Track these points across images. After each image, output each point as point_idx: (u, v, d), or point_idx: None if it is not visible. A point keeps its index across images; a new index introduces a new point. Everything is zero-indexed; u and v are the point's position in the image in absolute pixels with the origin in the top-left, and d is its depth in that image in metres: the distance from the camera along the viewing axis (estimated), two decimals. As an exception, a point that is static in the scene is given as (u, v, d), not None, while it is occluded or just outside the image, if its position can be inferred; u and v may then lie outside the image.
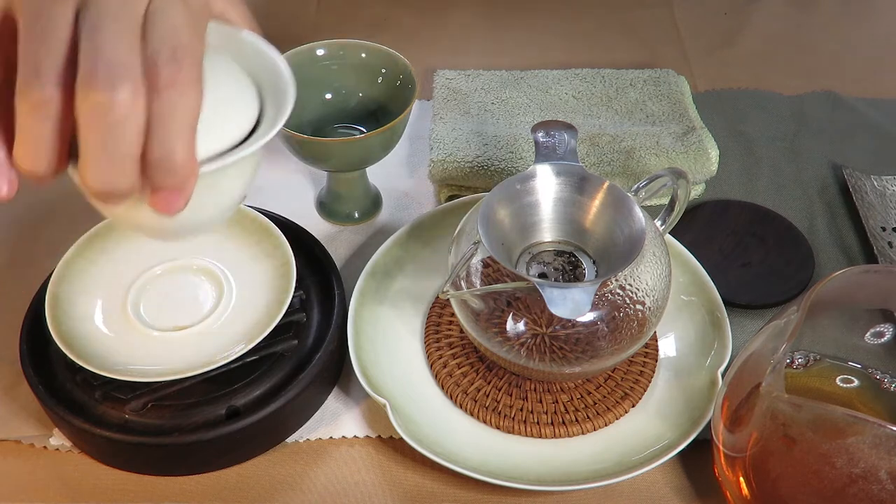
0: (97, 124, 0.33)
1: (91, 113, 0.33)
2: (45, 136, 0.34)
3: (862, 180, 0.74)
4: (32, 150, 0.35)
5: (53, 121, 0.34)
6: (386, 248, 0.65)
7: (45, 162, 0.35)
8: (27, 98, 0.33)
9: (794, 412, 0.46)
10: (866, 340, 0.57)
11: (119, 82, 0.33)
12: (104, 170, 0.34)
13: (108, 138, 0.33)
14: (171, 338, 0.56)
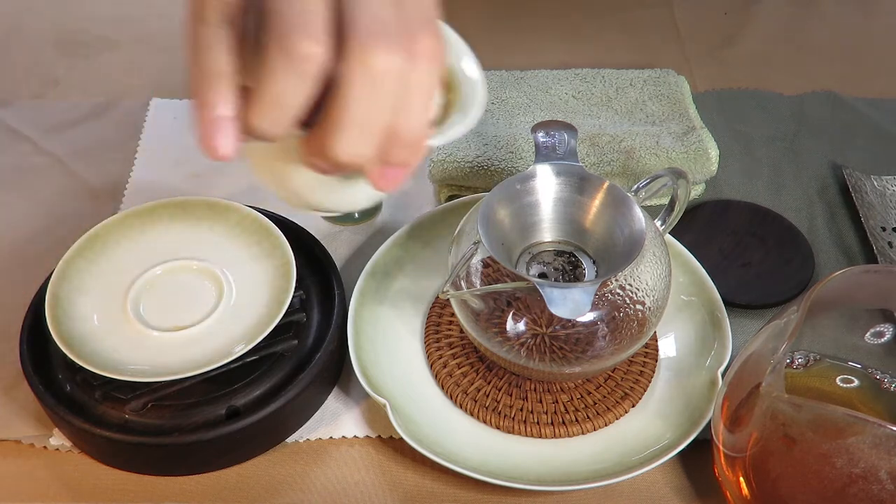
0: (363, 88, 0.32)
1: (359, 76, 0.32)
2: (297, 94, 0.32)
3: (862, 180, 0.74)
4: (278, 108, 0.33)
5: (311, 80, 0.32)
6: (386, 248, 0.65)
7: (285, 124, 0.33)
8: (289, 53, 0.31)
9: (794, 412, 0.46)
10: (866, 340, 0.57)
11: (393, 48, 0.32)
12: (355, 138, 0.33)
13: (371, 105, 0.32)
14: (171, 338, 0.56)
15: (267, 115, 0.33)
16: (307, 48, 0.31)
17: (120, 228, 0.61)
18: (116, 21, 0.92)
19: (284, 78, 0.32)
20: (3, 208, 0.73)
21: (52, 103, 0.82)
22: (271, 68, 0.32)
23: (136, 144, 0.78)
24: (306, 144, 0.35)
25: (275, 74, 0.32)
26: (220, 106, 0.33)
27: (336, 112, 0.33)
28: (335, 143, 0.33)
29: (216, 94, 0.33)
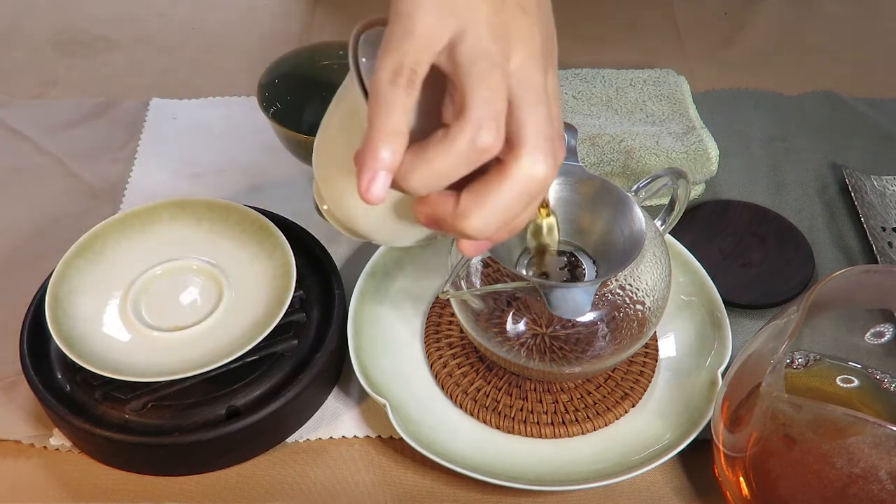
0: (516, 186, 0.38)
1: (519, 176, 0.38)
2: (459, 172, 0.38)
3: (862, 180, 0.74)
4: (439, 178, 0.38)
5: (476, 165, 0.38)
6: (386, 248, 0.65)
7: (434, 190, 0.39)
8: (473, 141, 0.37)
9: (794, 412, 0.46)
10: (866, 340, 0.57)
11: (549, 160, 0.38)
12: (489, 222, 0.39)
13: (516, 201, 0.39)
14: (171, 338, 0.56)
15: (426, 181, 0.38)
16: (489, 142, 0.37)
17: (120, 228, 0.61)
18: (116, 21, 0.92)
19: (458, 159, 0.37)
20: (3, 208, 0.73)
21: (52, 103, 0.83)
22: (451, 148, 0.37)
23: (136, 144, 0.78)
24: (437, 206, 0.39)
25: (451, 154, 0.37)
26: (388, 161, 0.37)
27: (483, 197, 0.38)
28: (471, 219, 0.39)
29: (389, 150, 0.37)
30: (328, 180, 0.45)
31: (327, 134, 0.45)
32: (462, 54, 0.38)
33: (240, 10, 0.94)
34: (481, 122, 0.37)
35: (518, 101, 0.38)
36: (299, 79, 0.68)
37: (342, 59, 0.69)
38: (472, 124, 0.37)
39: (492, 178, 0.38)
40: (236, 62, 0.87)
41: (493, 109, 0.37)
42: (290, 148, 0.65)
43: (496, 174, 0.38)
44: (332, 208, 0.46)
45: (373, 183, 0.37)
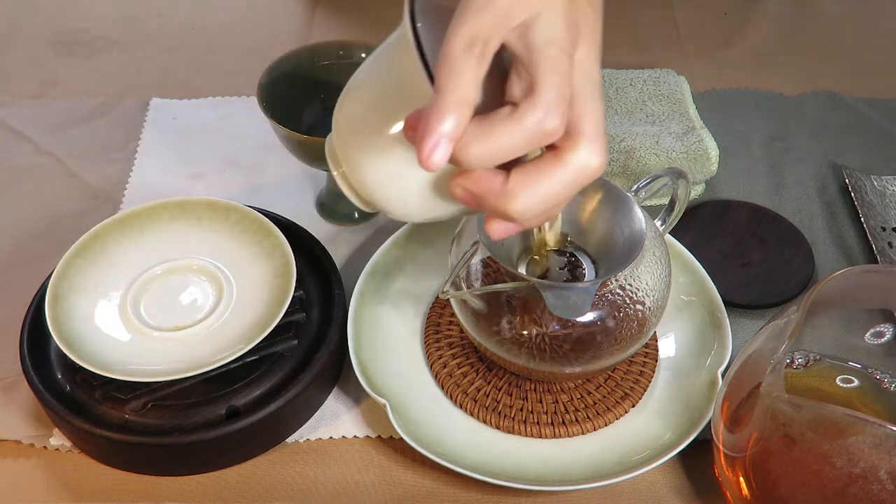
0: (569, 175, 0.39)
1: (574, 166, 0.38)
2: (518, 151, 0.37)
3: (862, 180, 0.74)
4: (496, 154, 0.37)
5: (535, 147, 0.38)
6: (386, 248, 0.65)
7: (489, 165, 0.38)
8: (540, 123, 0.37)
9: (794, 412, 0.46)
10: (866, 340, 0.57)
11: (604, 153, 0.39)
12: (533, 206, 0.39)
13: (566, 190, 0.39)
14: (171, 338, 0.56)
15: (484, 155, 0.37)
16: (555, 126, 0.37)
17: (120, 228, 0.61)
18: (116, 21, 0.92)
19: (522, 138, 0.37)
20: (3, 208, 0.73)
21: (52, 103, 0.82)
22: (517, 126, 0.37)
23: (136, 144, 0.78)
24: (483, 182, 0.39)
25: (516, 132, 0.37)
26: (452, 130, 0.36)
27: (535, 180, 0.38)
28: (517, 200, 0.38)
29: (456, 119, 0.36)
30: (353, 143, 0.44)
31: (360, 96, 0.44)
32: (536, 37, 0.37)
33: (240, 10, 0.94)
34: (550, 106, 0.37)
35: (579, 92, 0.39)
36: (299, 79, 0.68)
37: (342, 59, 0.69)
38: (541, 105, 0.37)
39: (546, 162, 0.39)
40: (236, 62, 0.87)
41: (561, 95, 0.37)
42: (290, 148, 0.65)
43: (551, 159, 0.38)
44: (351, 172, 0.44)
45: (435, 150, 0.36)
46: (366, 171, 0.43)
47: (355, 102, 0.44)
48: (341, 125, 0.45)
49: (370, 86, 0.43)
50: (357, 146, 0.43)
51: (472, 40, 0.37)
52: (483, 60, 0.37)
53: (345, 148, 0.44)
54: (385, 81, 0.43)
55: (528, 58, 0.38)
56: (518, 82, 0.38)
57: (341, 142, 0.44)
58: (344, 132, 0.44)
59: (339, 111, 0.45)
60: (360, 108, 0.44)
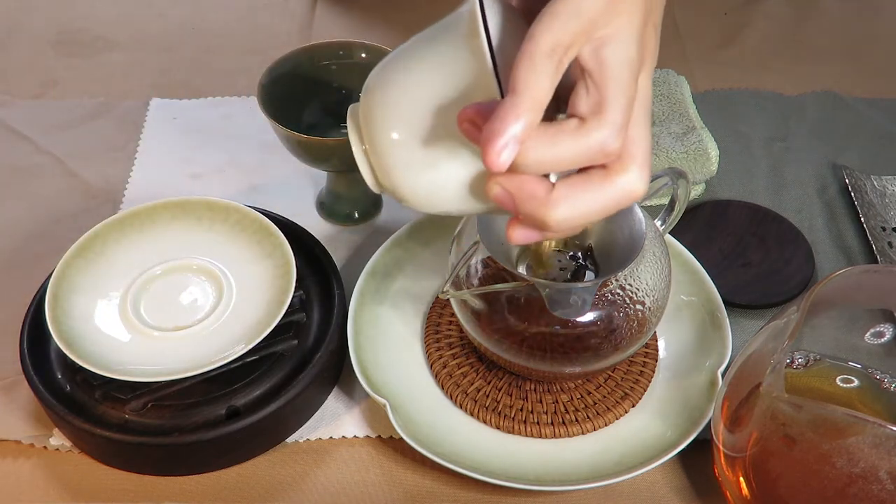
0: (615, 195, 0.39)
1: (620, 187, 0.39)
2: (575, 164, 0.38)
3: (862, 180, 0.74)
4: (553, 164, 0.38)
5: (593, 163, 0.38)
6: (386, 249, 0.65)
7: (539, 172, 0.38)
8: (604, 142, 0.37)
9: (794, 412, 0.46)
10: (866, 340, 0.57)
11: (648, 179, 0.40)
12: (571, 219, 0.39)
13: (608, 208, 0.39)
14: (171, 338, 0.56)
15: (542, 162, 0.37)
16: (615, 148, 0.38)
17: (120, 228, 0.61)
18: (116, 21, 0.92)
19: (583, 152, 0.37)
20: (3, 208, 0.73)
21: (52, 103, 0.82)
22: (581, 140, 0.37)
23: (136, 144, 0.78)
24: (527, 186, 0.39)
25: (579, 145, 0.37)
26: (523, 131, 0.36)
27: (580, 193, 0.39)
28: (559, 210, 0.38)
29: (528, 121, 0.36)
30: (385, 124, 0.42)
31: (403, 77, 0.41)
32: (610, 54, 0.38)
33: (240, 10, 0.94)
34: (616, 128, 0.37)
35: (636, 117, 0.39)
36: (299, 79, 0.68)
37: (342, 59, 0.69)
38: (609, 126, 0.37)
39: (594, 179, 0.39)
40: (236, 62, 0.87)
41: (626, 119, 0.38)
42: (290, 148, 0.65)
43: (600, 177, 0.39)
44: (375, 153, 0.42)
45: (504, 150, 0.36)
46: (395, 156, 0.42)
47: (395, 84, 0.42)
48: (374, 103, 0.42)
49: (416, 70, 0.41)
50: (389, 128, 0.41)
51: (555, 45, 0.36)
52: (561, 67, 0.37)
53: (373, 127, 0.42)
54: (435, 68, 0.41)
55: (599, 74, 0.38)
56: (585, 96, 0.38)
57: (370, 120, 0.42)
58: (375, 111, 0.42)
59: (375, 90, 0.42)
60: (400, 90, 0.41)
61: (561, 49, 0.37)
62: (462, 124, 0.38)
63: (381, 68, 0.43)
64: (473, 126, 0.37)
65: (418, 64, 0.41)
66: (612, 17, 0.38)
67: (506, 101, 0.36)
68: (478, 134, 0.37)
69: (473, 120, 0.37)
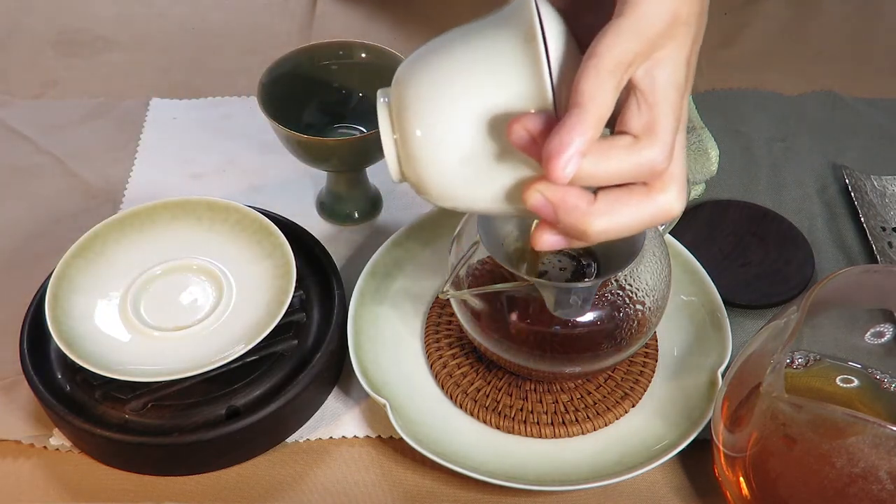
0: (652, 212, 0.40)
1: (661, 205, 0.40)
2: (625, 178, 0.39)
3: (862, 180, 0.74)
4: (605, 178, 0.38)
5: (632, 180, 0.39)
6: (386, 249, 0.65)
7: (591, 185, 0.39)
8: (653, 162, 0.38)
9: (794, 412, 0.46)
10: (866, 340, 0.57)
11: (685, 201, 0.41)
12: (607, 232, 0.39)
13: (644, 223, 0.40)
14: (171, 338, 0.56)
15: (593, 175, 0.38)
16: (663, 168, 0.39)
17: (120, 228, 0.61)
18: (116, 21, 0.92)
19: (631, 169, 0.38)
20: (3, 208, 0.73)
21: (52, 103, 0.82)
22: (632, 157, 0.38)
23: (136, 144, 0.78)
24: (571, 196, 0.39)
25: (629, 162, 0.38)
26: (586, 145, 0.36)
27: (621, 207, 0.39)
28: (598, 221, 0.39)
29: (592, 134, 0.37)
30: (422, 120, 0.41)
31: (448, 74, 0.40)
32: (663, 75, 0.39)
33: (240, 10, 0.94)
34: (666, 149, 0.38)
35: (678, 139, 0.40)
36: (299, 79, 0.68)
37: (342, 59, 0.69)
38: (660, 147, 0.38)
39: (635, 194, 0.39)
40: (236, 62, 0.87)
41: (674, 139, 0.39)
42: (290, 148, 0.65)
43: (642, 193, 0.39)
44: (408, 145, 0.41)
45: (570, 163, 0.36)
46: (428, 152, 0.41)
47: (436, 80, 0.41)
48: (411, 96, 0.41)
49: (461, 67, 0.40)
50: (426, 124, 0.41)
51: (619, 63, 0.37)
52: (621, 85, 0.38)
53: (408, 120, 0.41)
54: (482, 69, 0.40)
55: (652, 95, 0.38)
56: (637, 114, 0.38)
57: (405, 112, 0.41)
58: (412, 104, 0.41)
59: (413, 82, 0.41)
60: (442, 87, 0.40)
61: (623, 66, 0.37)
62: (515, 133, 0.38)
63: (420, 59, 0.42)
64: (528, 135, 0.37)
65: (463, 61, 0.40)
66: (668, 40, 0.39)
67: (572, 116, 0.36)
68: (530, 144, 0.37)
69: (529, 130, 0.37)
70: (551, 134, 0.36)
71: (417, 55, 0.42)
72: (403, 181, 0.43)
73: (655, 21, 0.38)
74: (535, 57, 0.38)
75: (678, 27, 0.39)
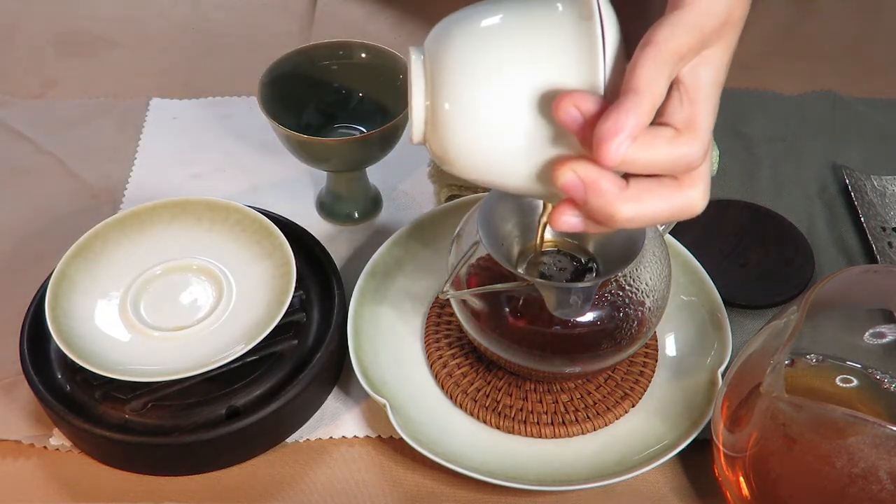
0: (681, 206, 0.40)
1: (688, 201, 0.40)
2: (662, 169, 0.39)
3: (862, 180, 0.74)
4: (644, 165, 0.38)
5: (666, 172, 0.39)
6: (386, 248, 0.65)
7: (630, 171, 0.39)
8: (690, 158, 0.38)
9: (794, 412, 0.46)
10: (866, 340, 0.57)
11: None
12: (633, 219, 0.39)
13: (674, 215, 0.40)
14: (171, 338, 0.56)
15: (634, 160, 0.38)
16: (697, 165, 0.39)
17: (120, 228, 0.61)
18: (116, 21, 0.92)
19: (669, 161, 0.38)
20: (3, 208, 0.73)
21: (52, 103, 0.82)
22: (673, 150, 0.38)
23: (136, 144, 0.78)
24: (604, 180, 0.39)
25: (669, 153, 0.38)
26: (639, 128, 0.37)
27: (650, 196, 0.39)
28: (627, 206, 0.39)
29: (646, 120, 0.37)
30: (460, 87, 0.40)
31: (493, 44, 0.40)
32: (706, 74, 0.39)
33: (240, 10, 0.94)
34: (704, 146, 0.39)
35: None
36: (299, 79, 0.68)
37: (342, 59, 0.69)
38: (699, 143, 0.38)
39: (666, 186, 0.39)
40: (236, 62, 0.87)
41: (709, 138, 0.39)
42: (290, 148, 0.65)
43: (672, 187, 0.40)
44: (440, 111, 0.40)
45: (622, 145, 0.36)
46: (460, 120, 0.40)
47: (478, 47, 0.40)
48: (450, 61, 0.40)
49: (508, 37, 0.39)
50: (463, 92, 0.40)
51: (675, 53, 0.38)
52: (673, 75, 0.38)
53: (444, 86, 0.40)
54: (530, 42, 0.39)
55: (695, 91, 0.39)
56: (679, 109, 0.39)
57: (442, 77, 0.40)
58: (451, 70, 0.40)
59: (453, 47, 0.40)
60: (484, 56, 0.39)
61: (677, 58, 0.38)
62: (564, 109, 0.37)
63: (465, 23, 0.41)
64: (577, 113, 0.37)
65: (515, 31, 0.40)
66: (718, 40, 0.40)
67: (628, 99, 0.36)
68: (576, 121, 0.37)
69: (580, 106, 0.37)
70: (605, 115, 0.36)
71: (460, 17, 0.41)
72: (422, 145, 0.43)
73: (712, 18, 0.39)
74: (593, 36, 0.38)
75: (728, 28, 0.40)
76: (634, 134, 0.36)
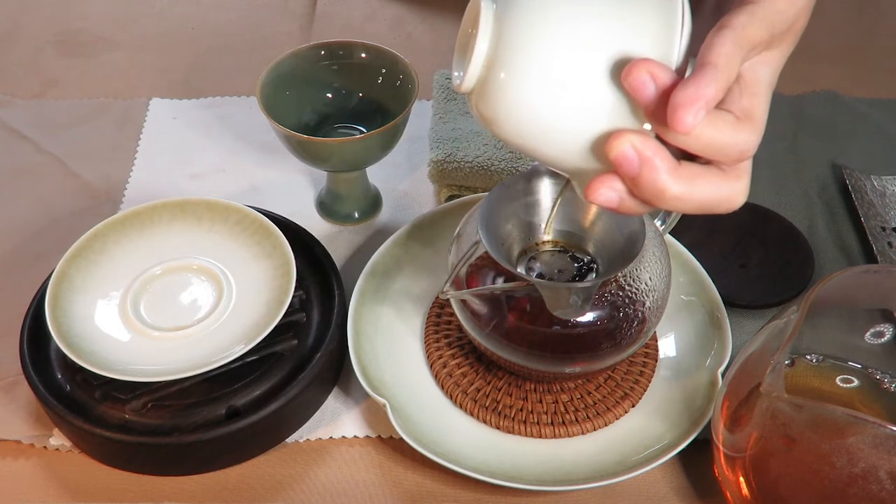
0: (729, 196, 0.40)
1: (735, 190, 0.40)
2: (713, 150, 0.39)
3: (862, 180, 0.74)
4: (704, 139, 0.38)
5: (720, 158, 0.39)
6: (386, 248, 0.65)
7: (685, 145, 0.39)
8: (746, 146, 0.39)
9: (794, 412, 0.46)
10: (866, 340, 0.57)
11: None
12: (679, 203, 0.39)
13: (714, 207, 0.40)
14: (171, 338, 0.56)
15: (698, 138, 0.38)
16: (750, 154, 0.39)
17: (120, 228, 0.61)
18: (117, 21, 0.92)
19: (726, 145, 0.38)
20: (3, 208, 0.73)
21: (52, 103, 0.82)
22: (732, 135, 0.38)
23: (136, 144, 0.78)
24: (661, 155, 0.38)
25: (728, 138, 0.38)
26: (713, 101, 0.37)
27: (700, 178, 0.39)
28: (677, 185, 0.38)
29: (719, 94, 0.37)
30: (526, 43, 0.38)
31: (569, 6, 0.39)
32: (765, 72, 0.41)
33: (240, 10, 0.94)
34: (759, 138, 0.39)
35: None
36: (299, 79, 0.68)
37: (342, 59, 0.69)
38: (756, 135, 0.39)
39: (714, 173, 0.40)
40: (236, 62, 0.87)
41: (763, 131, 0.40)
42: (290, 148, 0.65)
43: (720, 175, 0.40)
44: (499, 65, 0.39)
45: (699, 114, 0.36)
46: (519, 77, 0.39)
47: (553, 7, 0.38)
48: (522, 16, 0.39)
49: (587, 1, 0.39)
50: (530, 48, 0.38)
51: (750, 41, 0.39)
52: (743, 62, 0.39)
53: (511, 39, 0.39)
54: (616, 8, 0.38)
55: (755, 86, 0.40)
56: (739, 99, 0.39)
57: (509, 31, 0.39)
58: (521, 24, 0.39)
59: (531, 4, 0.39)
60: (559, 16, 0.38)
61: (750, 46, 0.39)
62: (636, 76, 0.37)
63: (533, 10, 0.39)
64: (649, 80, 0.37)
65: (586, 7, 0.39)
66: (780, 43, 0.41)
67: (707, 72, 0.37)
68: (648, 89, 0.37)
69: (653, 74, 0.37)
70: (684, 83, 0.36)
71: None
72: (465, 93, 0.41)
73: (784, 19, 0.40)
74: (676, 11, 0.38)
75: (790, 35, 0.41)
76: (711, 105, 0.37)
